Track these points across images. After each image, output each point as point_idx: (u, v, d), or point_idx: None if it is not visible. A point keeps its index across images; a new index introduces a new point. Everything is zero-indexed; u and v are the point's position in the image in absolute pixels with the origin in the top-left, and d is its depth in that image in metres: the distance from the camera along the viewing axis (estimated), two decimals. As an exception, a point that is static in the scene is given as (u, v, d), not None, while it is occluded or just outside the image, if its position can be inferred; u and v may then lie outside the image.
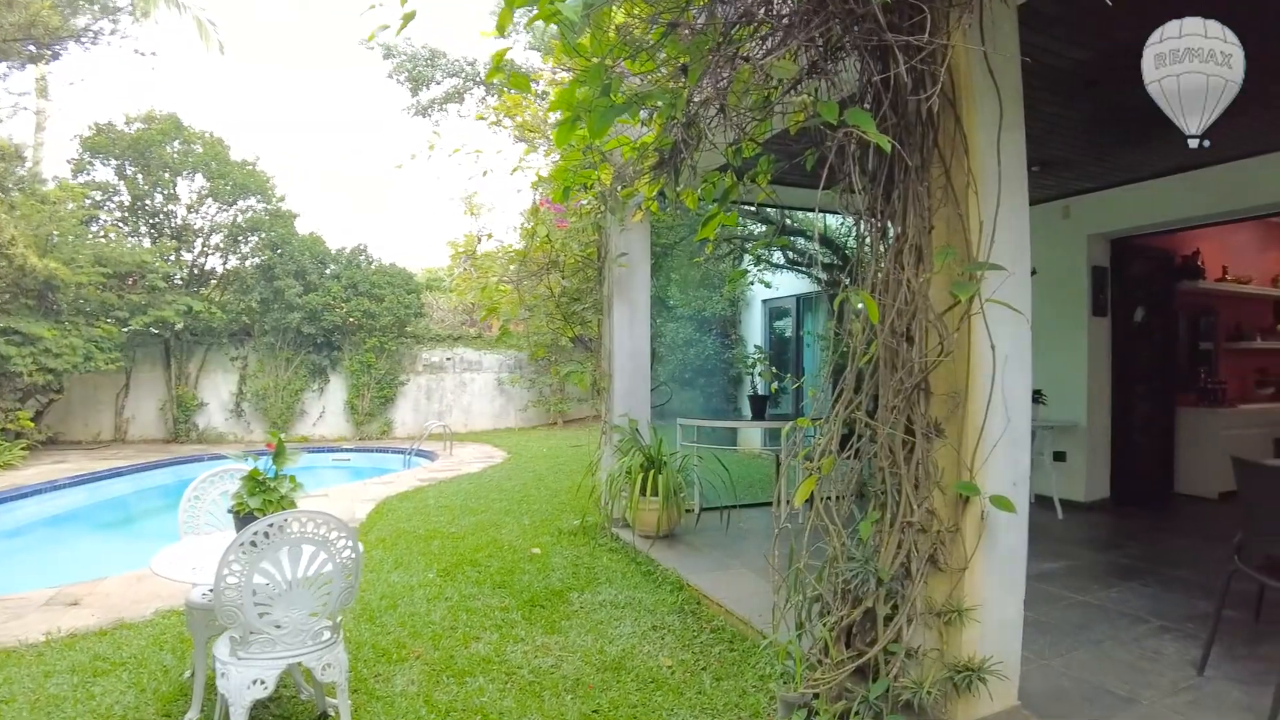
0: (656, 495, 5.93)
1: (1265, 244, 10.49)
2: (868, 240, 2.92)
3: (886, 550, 2.76)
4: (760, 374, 8.92)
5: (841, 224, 9.99)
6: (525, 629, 4.57)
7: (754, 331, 14.35)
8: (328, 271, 16.08)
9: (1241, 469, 3.54)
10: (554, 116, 4.70)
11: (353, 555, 2.87)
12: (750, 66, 2.55)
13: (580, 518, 7.01)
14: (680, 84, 2.64)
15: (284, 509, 3.00)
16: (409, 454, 13.74)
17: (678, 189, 3.43)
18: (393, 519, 7.62)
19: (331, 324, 15.76)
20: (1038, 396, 7.91)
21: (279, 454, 3.13)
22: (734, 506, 7.06)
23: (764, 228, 10.14)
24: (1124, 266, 8.39)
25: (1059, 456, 8.18)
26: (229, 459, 3.62)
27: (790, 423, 3.23)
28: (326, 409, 16.34)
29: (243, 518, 3.00)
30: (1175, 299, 9.07)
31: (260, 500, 3.00)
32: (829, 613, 2.97)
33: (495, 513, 7.90)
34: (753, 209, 8.96)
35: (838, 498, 2.94)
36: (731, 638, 4.36)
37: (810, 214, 10.04)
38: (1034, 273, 8.35)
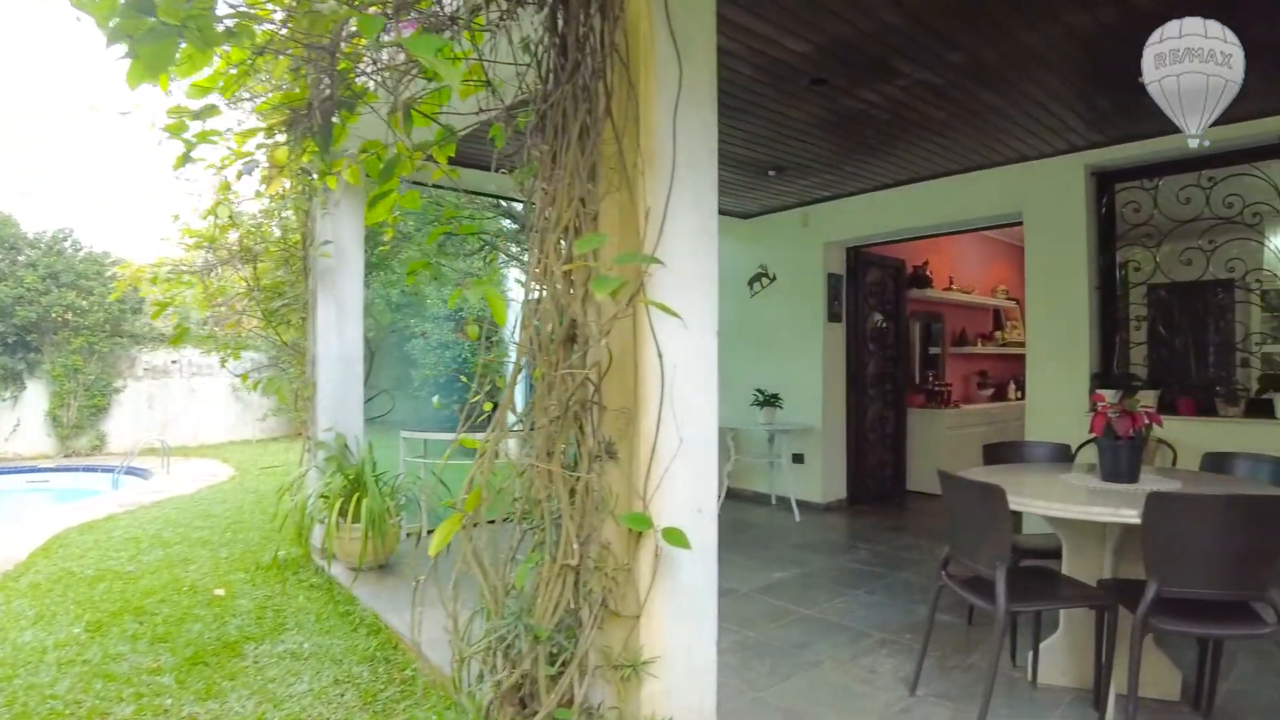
0: (359, 521, 5.22)
1: (988, 257, 11.24)
2: (535, 229, 2.46)
3: (545, 599, 2.30)
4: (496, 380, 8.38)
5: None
6: (176, 696, 3.76)
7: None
8: (21, 259, 13.90)
9: (944, 481, 3.39)
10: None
11: None
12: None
13: (275, 550, 6.13)
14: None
15: None
16: (118, 472, 12.09)
17: (327, 158, 2.84)
18: (61, 557, 6.41)
19: (27, 320, 13.64)
20: (774, 400, 7.91)
21: None
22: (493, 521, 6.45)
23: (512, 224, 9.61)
24: (860, 274, 8.59)
25: (797, 459, 8.24)
26: None
27: (455, 440, 2.70)
28: (23, 421, 14.13)
29: None
30: (906, 306, 9.44)
31: None
32: (493, 672, 2.48)
33: (191, 544, 6.86)
34: (494, 201, 8.42)
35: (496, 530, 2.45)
36: (423, 690, 3.78)
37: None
38: (774, 279, 8.47)
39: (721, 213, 8.45)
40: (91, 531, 7.48)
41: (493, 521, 2.56)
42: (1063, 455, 4.54)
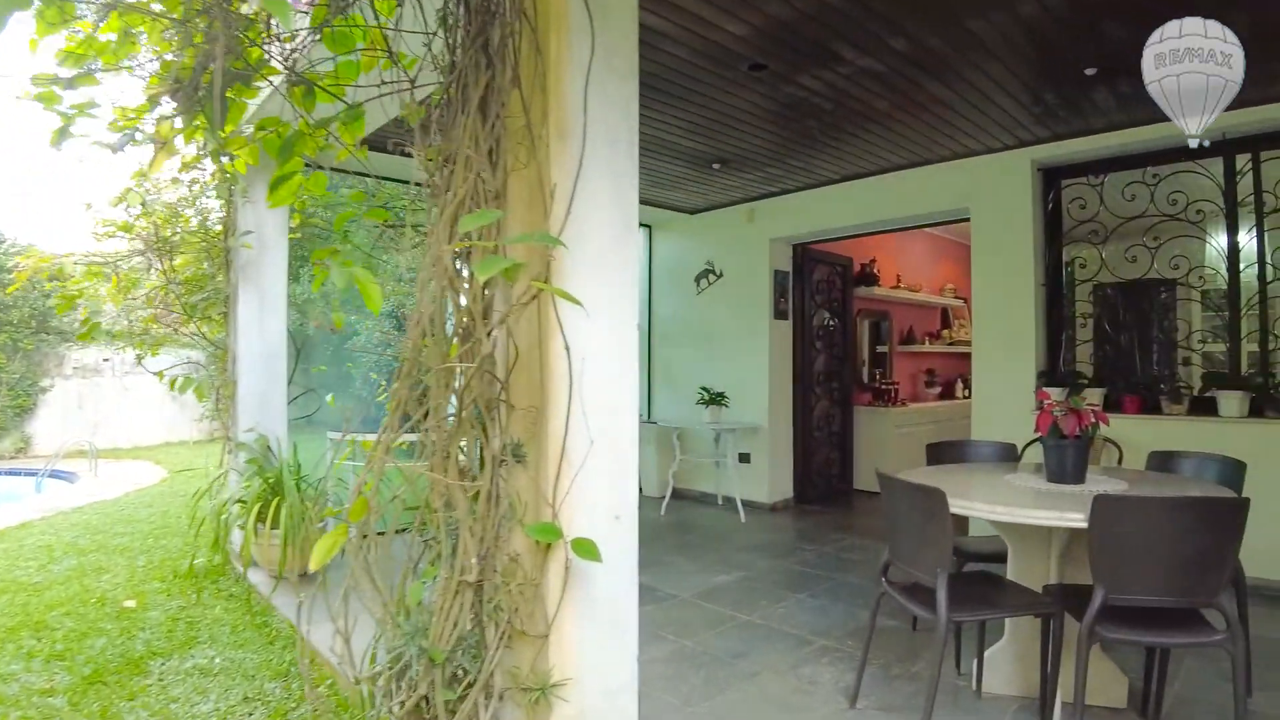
0: (279, 527, 4.92)
1: (936, 256, 11.21)
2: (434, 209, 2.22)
3: (442, 617, 2.08)
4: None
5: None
6: (67, 719, 3.48)
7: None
8: (-62, 252, 13.28)
9: (883, 483, 3.23)
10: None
11: None
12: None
13: (192, 557, 5.76)
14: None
15: None
16: (41, 476, 11.54)
17: (218, 135, 2.58)
18: (-36, 567, 6.03)
19: (-57, 316, 13.02)
20: (720, 399, 7.76)
21: None
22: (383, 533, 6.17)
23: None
24: (806, 271, 8.48)
25: (744, 458, 8.08)
26: None
27: (339, 441, 2.47)
28: (-60, 422, 13.53)
29: None
30: (853, 304, 9.34)
31: None
32: (392, 694, 2.25)
33: (108, 552, 6.49)
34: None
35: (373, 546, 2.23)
36: (336, 708, 3.53)
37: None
38: (720, 275, 8.32)
39: (668, 207, 8.36)
40: (1, 540, 7.08)
41: (382, 533, 2.34)
42: (1008, 455, 4.42)
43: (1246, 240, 5.38)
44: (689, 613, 4.76)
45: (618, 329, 2.19)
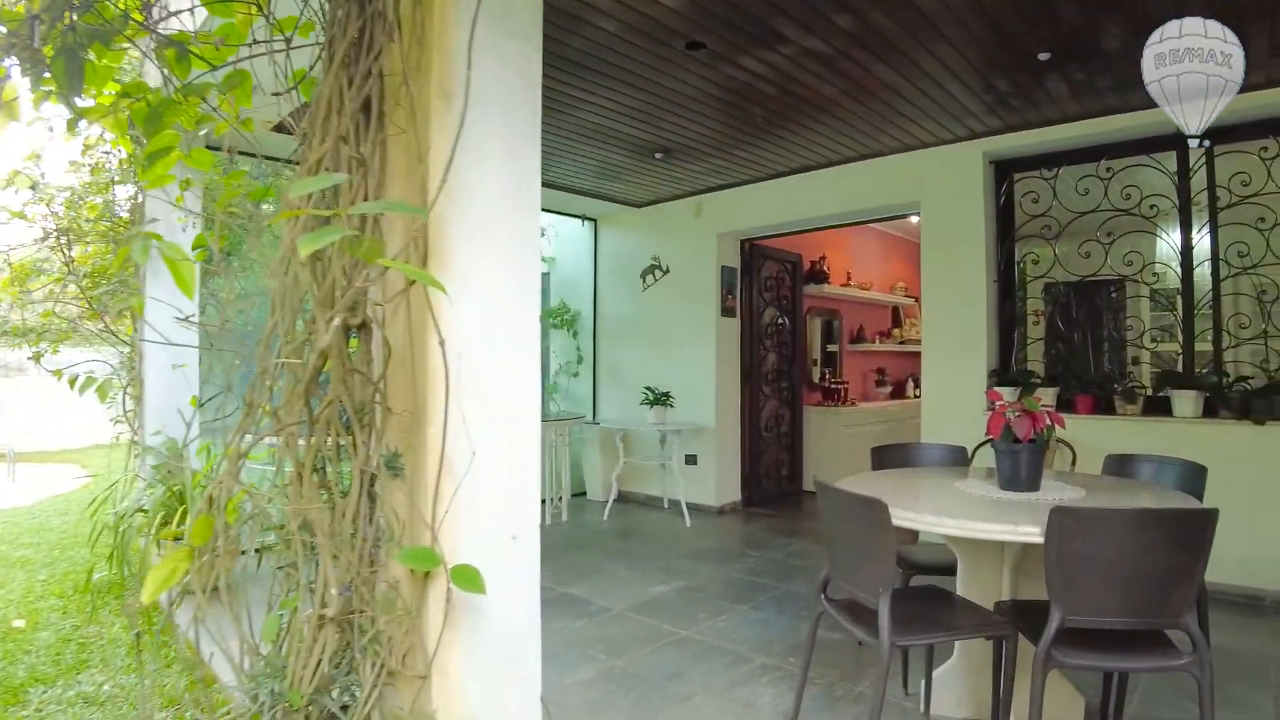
0: (183, 538, 4.53)
1: (886, 254, 11.07)
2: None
3: (302, 656, 1.77)
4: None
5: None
6: (-81, 757, 3.11)
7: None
8: None
9: (821, 492, 2.96)
10: None
11: None
12: None
13: (90, 571, 5.32)
14: None
15: None
16: (-50, 481, 10.96)
17: (71, 98, 2.24)
18: None
19: None
20: (665, 399, 7.49)
21: None
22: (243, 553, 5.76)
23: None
24: (755, 268, 8.26)
25: (690, 460, 7.83)
26: None
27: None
28: None
29: None
30: (803, 302, 9.14)
31: None
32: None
33: (8, 565, 6.02)
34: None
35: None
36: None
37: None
38: (667, 271, 8.03)
39: (613, 200, 8.06)
40: (-107, 553, 6.57)
41: (241, 553, 2.02)
42: (958, 458, 4.19)
43: (1199, 237, 5.23)
44: (623, 628, 4.47)
45: (513, 318, 1.88)
